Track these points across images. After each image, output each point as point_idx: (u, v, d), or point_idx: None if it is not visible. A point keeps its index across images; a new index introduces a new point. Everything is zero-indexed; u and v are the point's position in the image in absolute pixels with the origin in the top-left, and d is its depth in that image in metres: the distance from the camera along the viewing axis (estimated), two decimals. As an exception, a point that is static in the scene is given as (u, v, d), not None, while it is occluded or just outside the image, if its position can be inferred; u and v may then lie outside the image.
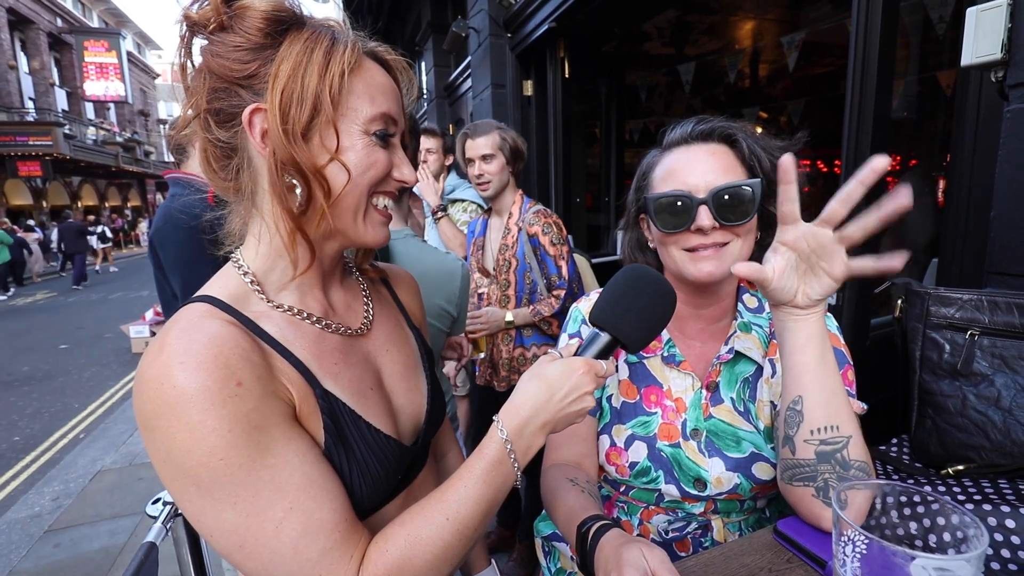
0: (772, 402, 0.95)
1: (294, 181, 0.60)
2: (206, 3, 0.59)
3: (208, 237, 0.77)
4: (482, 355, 2.16)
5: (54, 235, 16.69)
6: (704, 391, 0.93)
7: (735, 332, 0.96)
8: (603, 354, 0.71)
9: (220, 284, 0.65)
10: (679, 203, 0.88)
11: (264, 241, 0.66)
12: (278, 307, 0.66)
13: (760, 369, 0.95)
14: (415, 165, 1.37)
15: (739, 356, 0.94)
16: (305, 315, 0.67)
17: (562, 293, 2.03)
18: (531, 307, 2.07)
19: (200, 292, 0.65)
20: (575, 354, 0.71)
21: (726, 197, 0.86)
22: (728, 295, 0.98)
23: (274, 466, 0.54)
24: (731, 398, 0.94)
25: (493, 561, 1.04)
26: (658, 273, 0.75)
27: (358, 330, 0.74)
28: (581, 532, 0.76)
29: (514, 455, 0.63)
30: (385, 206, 0.69)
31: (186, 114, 0.64)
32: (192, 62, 0.62)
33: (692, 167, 0.90)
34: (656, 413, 0.94)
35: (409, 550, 0.58)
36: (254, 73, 0.59)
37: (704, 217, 0.86)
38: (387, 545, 0.59)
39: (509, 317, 2.05)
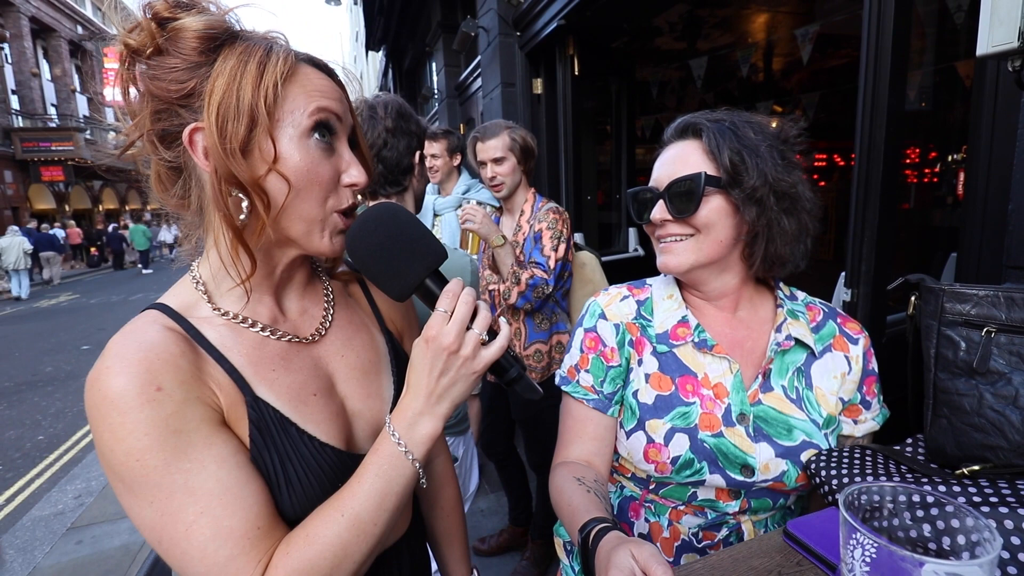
0: (842, 398, 0.95)
1: (239, 195, 0.61)
2: (142, 30, 0.59)
3: None
4: (475, 257, 2.12)
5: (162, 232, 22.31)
6: (760, 377, 0.92)
7: (785, 319, 0.95)
8: (430, 301, 0.66)
9: (174, 293, 0.68)
10: (645, 196, 0.94)
11: (214, 253, 0.67)
12: (223, 314, 0.67)
13: (812, 355, 0.95)
14: (411, 167, 1.36)
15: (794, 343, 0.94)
16: (249, 322, 0.68)
17: (537, 274, 1.97)
18: (522, 269, 2.00)
19: (156, 300, 0.67)
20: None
21: (675, 190, 0.89)
22: (732, 289, 0.97)
23: (189, 470, 0.56)
24: (782, 386, 0.93)
25: (476, 570, 1.02)
26: (354, 223, 0.68)
27: (309, 337, 0.74)
28: (583, 536, 0.75)
29: (405, 446, 0.64)
30: (345, 212, 0.68)
31: (131, 137, 0.64)
32: (137, 86, 0.62)
33: (665, 164, 0.94)
34: (695, 403, 0.92)
35: (308, 550, 0.59)
36: (191, 91, 0.60)
37: (656, 210, 0.92)
38: (288, 548, 0.60)
39: (500, 241, 1.98)
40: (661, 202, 0.91)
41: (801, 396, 0.92)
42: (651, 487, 0.97)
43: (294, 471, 0.64)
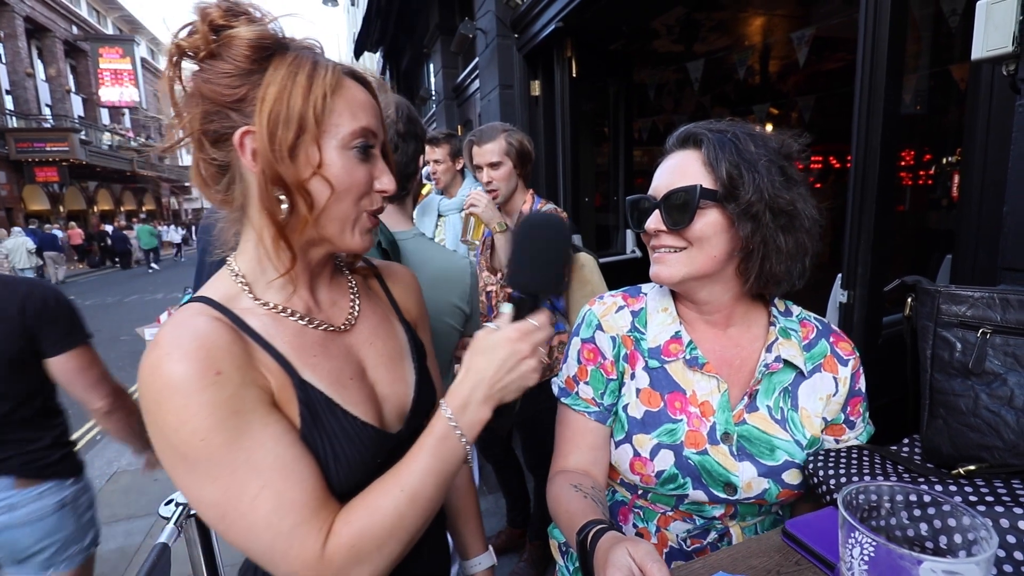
0: (825, 418, 0.94)
1: (281, 196, 0.66)
2: (195, 33, 0.63)
3: None
4: (476, 243, 2.12)
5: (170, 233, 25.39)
6: (746, 398, 0.92)
7: (777, 339, 0.94)
8: (530, 311, 0.73)
9: (215, 286, 0.71)
10: (644, 205, 0.93)
11: (254, 247, 0.72)
12: (264, 305, 0.71)
13: (800, 375, 0.95)
14: (415, 171, 1.38)
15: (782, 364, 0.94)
16: (289, 312, 0.73)
17: None
18: None
19: (197, 293, 0.71)
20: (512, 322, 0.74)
21: (671, 201, 0.88)
22: (726, 304, 0.96)
23: (250, 448, 0.60)
24: (767, 406, 0.93)
25: (491, 547, 1.07)
26: (544, 213, 0.77)
27: (341, 326, 0.78)
28: (580, 539, 0.76)
29: (459, 430, 0.69)
30: (373, 213, 0.74)
31: (177, 134, 0.68)
32: (182, 84, 0.66)
33: (664, 172, 0.93)
34: (681, 420, 0.92)
35: (368, 519, 0.64)
36: (243, 97, 0.64)
37: (651, 220, 0.91)
38: (349, 516, 0.64)
39: (502, 227, 1.99)
40: (657, 212, 0.91)
41: (786, 417, 0.92)
42: (639, 492, 0.97)
43: (341, 448, 0.69)
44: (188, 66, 0.66)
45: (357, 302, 0.83)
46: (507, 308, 0.75)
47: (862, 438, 0.99)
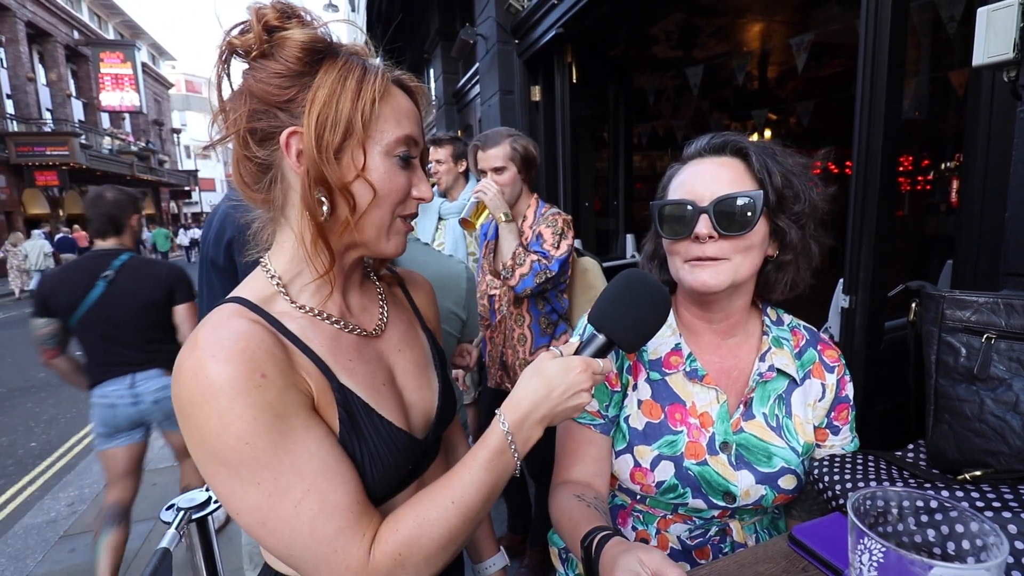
0: (813, 423, 0.96)
1: (323, 197, 0.66)
2: (248, 32, 0.64)
3: None
4: (477, 227, 2.12)
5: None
6: (741, 406, 0.93)
7: (769, 348, 0.96)
8: (600, 353, 0.75)
9: (250, 287, 0.71)
10: (682, 210, 0.89)
11: (291, 249, 0.72)
12: (300, 308, 0.71)
13: (793, 383, 0.95)
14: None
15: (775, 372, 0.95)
16: (324, 316, 0.73)
17: (539, 260, 1.95)
18: (527, 251, 1.97)
19: (232, 294, 0.70)
20: (575, 353, 0.75)
21: (727, 207, 0.85)
22: (737, 311, 0.97)
23: (294, 451, 0.59)
24: (763, 414, 0.93)
25: (502, 548, 1.07)
26: (654, 278, 0.78)
27: (372, 331, 0.79)
28: (584, 545, 0.76)
29: (514, 446, 0.69)
30: (406, 219, 0.75)
31: (217, 131, 0.68)
32: (230, 81, 0.67)
33: (700, 178, 0.90)
34: (682, 432, 0.93)
35: (417, 530, 0.63)
36: (293, 98, 0.65)
37: (702, 225, 0.86)
38: (397, 525, 0.63)
39: (508, 217, 1.98)
40: (705, 217, 0.86)
41: (781, 424, 0.93)
42: (638, 498, 0.98)
43: (378, 452, 0.69)
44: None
45: (385, 308, 0.84)
46: (576, 338, 0.76)
47: (848, 448, 0.99)
